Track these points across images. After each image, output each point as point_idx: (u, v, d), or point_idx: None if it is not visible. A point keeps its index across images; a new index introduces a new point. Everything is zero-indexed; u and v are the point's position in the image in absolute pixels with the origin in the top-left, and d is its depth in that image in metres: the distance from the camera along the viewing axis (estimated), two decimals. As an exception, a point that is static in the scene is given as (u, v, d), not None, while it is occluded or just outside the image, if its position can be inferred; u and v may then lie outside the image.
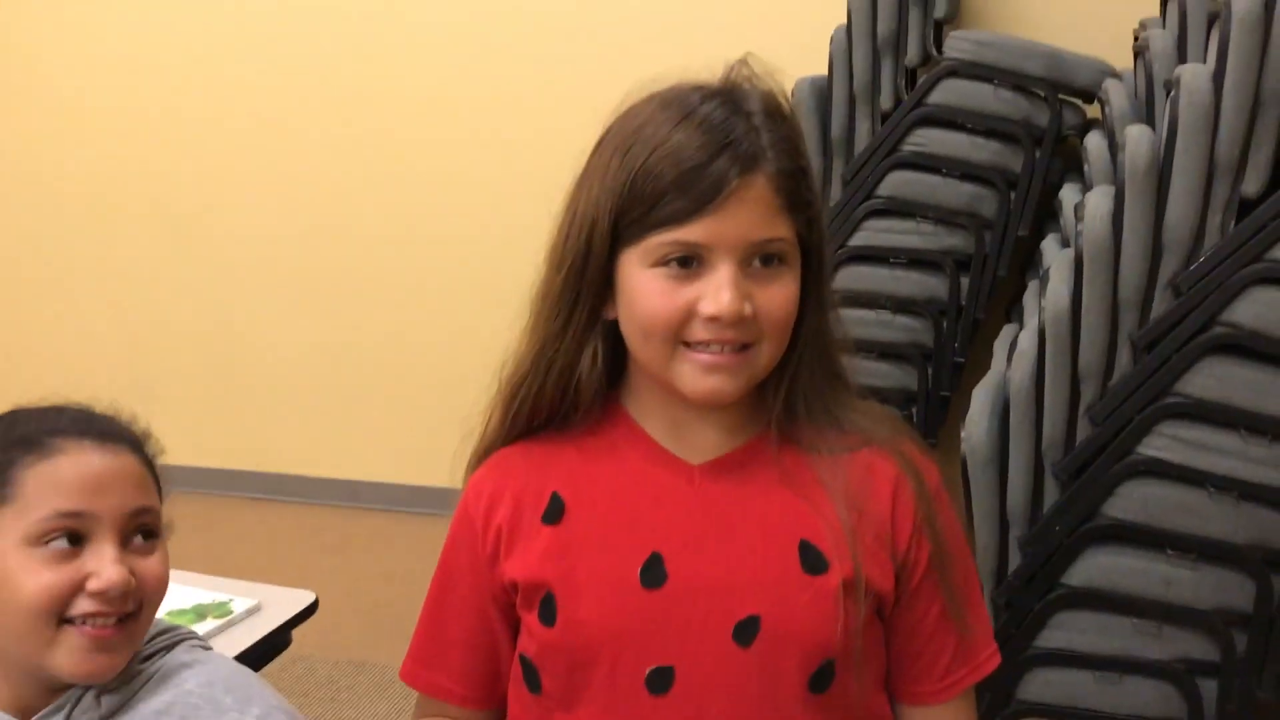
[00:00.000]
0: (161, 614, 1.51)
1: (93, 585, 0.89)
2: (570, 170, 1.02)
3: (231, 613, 1.54)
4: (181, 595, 1.58)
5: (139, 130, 3.73)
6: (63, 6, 3.72)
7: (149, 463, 0.98)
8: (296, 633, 1.59)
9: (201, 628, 1.49)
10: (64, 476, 0.91)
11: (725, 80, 0.99)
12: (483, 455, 1.10)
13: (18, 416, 0.97)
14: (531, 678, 1.03)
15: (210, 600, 1.57)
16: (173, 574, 1.63)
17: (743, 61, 1.00)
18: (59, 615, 0.89)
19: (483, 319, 3.12)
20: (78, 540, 0.90)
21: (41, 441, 0.92)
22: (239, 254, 3.73)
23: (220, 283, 3.77)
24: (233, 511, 3.72)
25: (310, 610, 1.59)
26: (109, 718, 0.93)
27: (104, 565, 0.90)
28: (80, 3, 3.70)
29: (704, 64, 1.00)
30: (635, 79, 1.01)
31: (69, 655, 0.90)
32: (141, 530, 0.94)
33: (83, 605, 0.90)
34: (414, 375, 3.66)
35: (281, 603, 1.58)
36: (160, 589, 0.96)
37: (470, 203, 3.52)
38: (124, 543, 0.93)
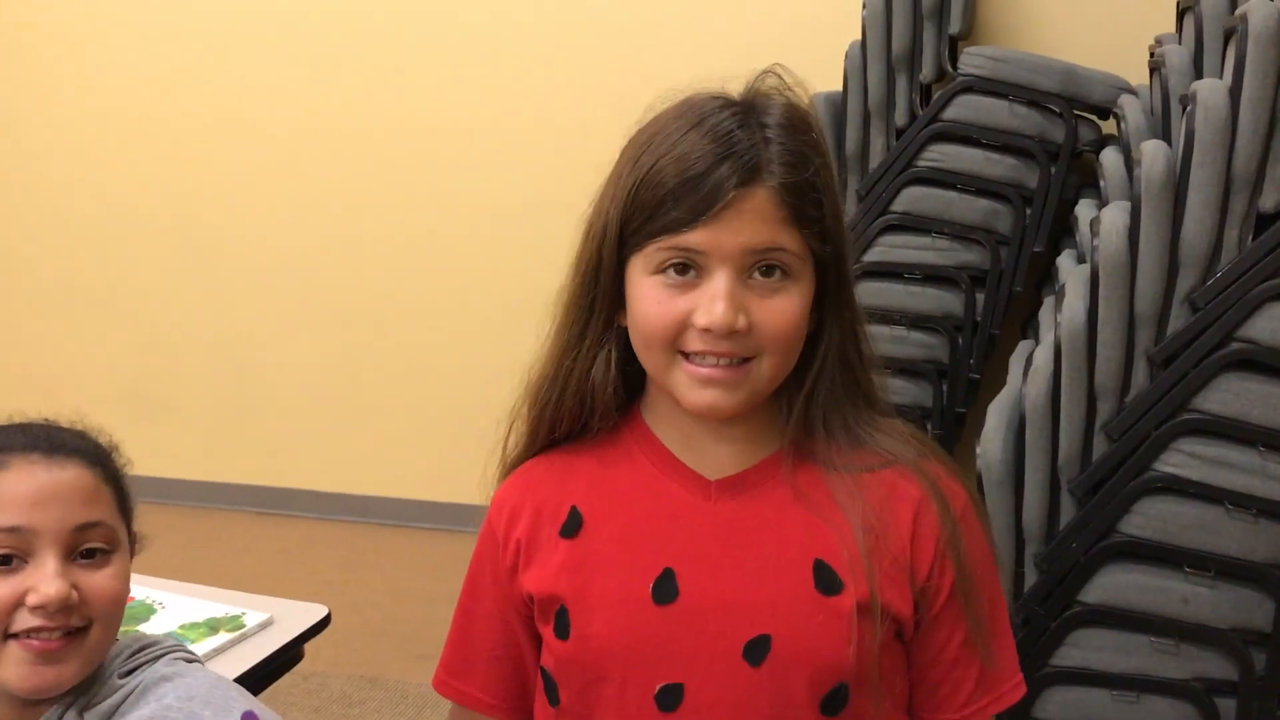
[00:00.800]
0: (175, 626, 1.52)
1: (31, 600, 0.89)
2: (583, 188, 1.02)
3: (244, 626, 1.54)
4: (194, 608, 1.59)
5: (152, 146, 3.75)
6: (76, 22, 3.74)
7: (111, 476, 0.97)
8: (309, 648, 1.59)
9: (214, 641, 1.50)
10: (5, 492, 0.91)
11: (748, 90, 0.98)
12: (510, 468, 1.09)
13: None
14: (551, 691, 1.03)
15: (223, 614, 1.57)
16: (185, 587, 1.64)
17: (770, 71, 0.98)
18: (3, 631, 0.90)
19: (494, 335, 3.12)
20: (20, 555, 0.90)
21: None
22: (251, 270, 3.75)
23: (231, 298, 3.79)
24: (244, 526, 3.73)
25: (323, 624, 1.59)
26: None
27: (43, 580, 0.90)
28: (94, 19, 3.72)
29: (721, 80, 0.98)
30: (653, 94, 1.00)
31: (14, 669, 0.90)
32: (90, 544, 0.93)
33: (24, 620, 0.90)
34: (425, 391, 3.66)
35: (294, 616, 1.58)
36: (112, 604, 0.94)
37: (482, 221, 3.52)
38: (70, 557, 0.92)
